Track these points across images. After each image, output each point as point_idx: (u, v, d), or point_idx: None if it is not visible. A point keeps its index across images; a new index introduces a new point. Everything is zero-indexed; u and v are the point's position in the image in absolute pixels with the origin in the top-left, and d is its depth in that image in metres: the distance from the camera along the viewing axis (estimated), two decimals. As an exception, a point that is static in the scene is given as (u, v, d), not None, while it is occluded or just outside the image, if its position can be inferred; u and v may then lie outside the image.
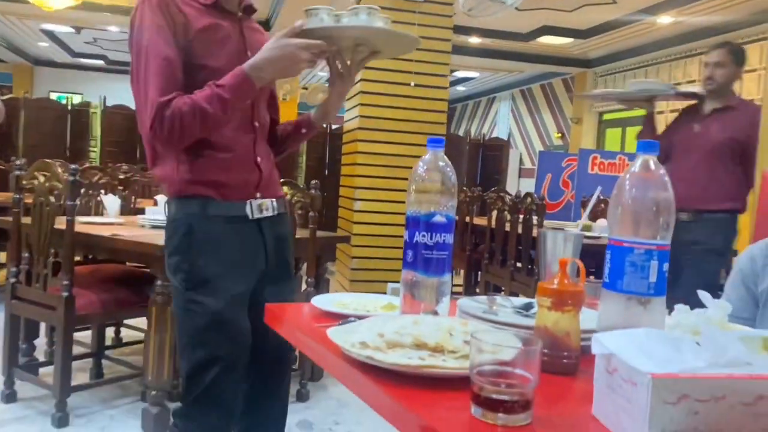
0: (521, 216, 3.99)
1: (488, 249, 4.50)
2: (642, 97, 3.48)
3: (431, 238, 1.09)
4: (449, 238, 1.11)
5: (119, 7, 8.97)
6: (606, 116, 10.58)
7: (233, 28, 1.60)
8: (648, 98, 3.48)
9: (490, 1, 3.86)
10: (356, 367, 0.85)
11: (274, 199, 1.65)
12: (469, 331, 0.94)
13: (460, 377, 0.78)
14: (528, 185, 10.51)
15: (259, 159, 1.62)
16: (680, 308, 1.15)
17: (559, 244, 1.19)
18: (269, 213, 1.63)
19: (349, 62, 1.60)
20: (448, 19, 3.94)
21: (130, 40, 1.53)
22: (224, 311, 1.53)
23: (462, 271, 5.00)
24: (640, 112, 10.18)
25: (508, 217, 4.17)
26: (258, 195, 1.61)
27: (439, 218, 1.09)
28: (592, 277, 1.43)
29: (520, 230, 4.01)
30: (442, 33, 3.91)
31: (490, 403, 0.69)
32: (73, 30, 10.95)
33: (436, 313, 1.08)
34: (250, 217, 1.59)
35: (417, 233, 1.10)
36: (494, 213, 4.48)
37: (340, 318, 1.10)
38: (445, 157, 1.13)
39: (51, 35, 11.60)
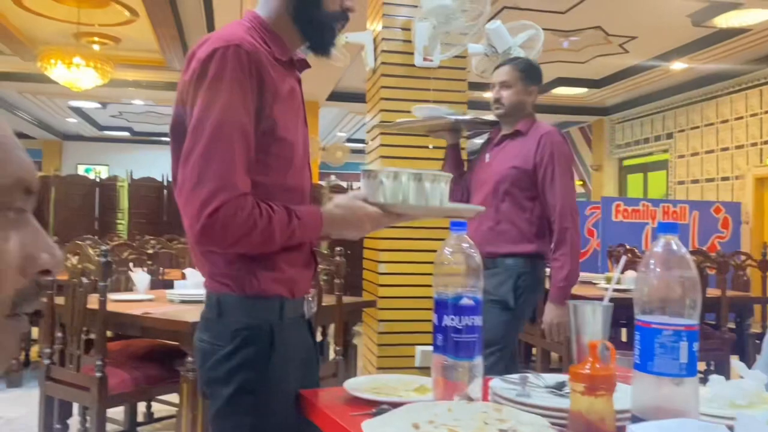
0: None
1: (516, 305, 4.45)
2: (440, 126, 2.83)
3: (460, 321, 1.10)
4: (478, 320, 1.12)
5: (143, 81, 9.31)
6: (626, 162, 10.58)
7: (299, 91, 1.36)
8: (450, 128, 2.84)
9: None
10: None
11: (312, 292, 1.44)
12: (504, 418, 0.94)
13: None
14: (552, 234, 10.45)
15: (314, 248, 1.41)
16: (715, 379, 1.14)
17: (587, 316, 1.19)
18: (314, 310, 1.42)
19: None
20: (462, 83, 4.02)
21: (192, 93, 1.19)
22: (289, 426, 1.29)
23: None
24: (660, 157, 10.07)
25: (534, 272, 4.15)
26: (310, 290, 1.39)
27: (466, 300, 1.11)
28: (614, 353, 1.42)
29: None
30: (457, 96, 3.99)
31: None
32: (99, 105, 11.34)
33: (469, 397, 1.08)
34: (306, 316, 1.36)
35: (445, 316, 1.11)
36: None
37: (374, 405, 1.10)
38: (468, 238, 1.15)
39: (79, 111, 12.02)
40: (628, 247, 5.71)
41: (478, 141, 4.01)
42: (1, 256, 0.45)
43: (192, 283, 3.19)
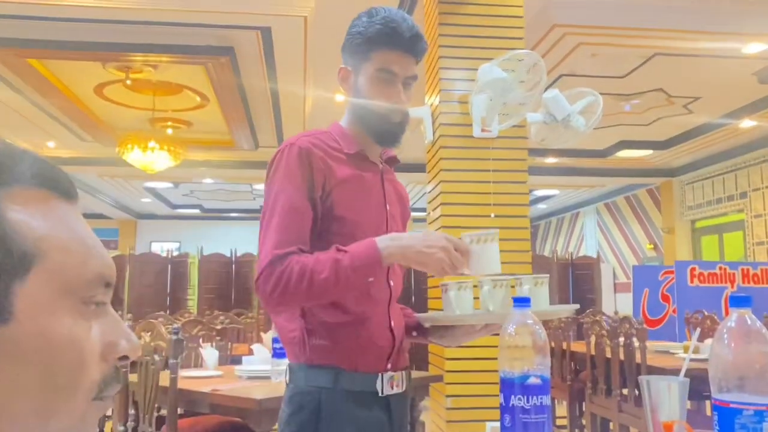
0: (622, 340, 3.83)
1: (591, 377, 4.29)
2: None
3: (528, 401, 1.07)
4: (546, 400, 1.08)
5: (213, 161, 9.73)
6: (699, 224, 10.23)
7: (374, 179, 1.50)
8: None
9: (563, 129, 3.94)
10: None
11: (403, 372, 1.46)
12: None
13: None
14: (624, 300, 10.10)
15: (393, 323, 1.44)
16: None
17: (662, 393, 1.14)
18: (399, 389, 1.42)
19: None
20: (522, 151, 4.03)
21: (265, 185, 1.43)
22: None
23: (565, 402, 4.76)
24: (735, 217, 9.74)
25: (608, 342, 4.00)
26: (389, 367, 1.41)
27: (533, 379, 1.08)
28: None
29: (621, 356, 3.83)
30: (518, 165, 3.99)
31: None
32: (171, 185, 11.87)
33: (539, 481, 1.04)
34: (380, 393, 1.38)
35: (512, 396, 1.08)
36: (592, 338, 4.31)
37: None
38: (533, 315, 1.13)
39: (153, 191, 12.61)
40: (706, 313, 5.46)
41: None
42: (86, 345, 0.49)
43: (259, 359, 3.22)
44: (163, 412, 2.87)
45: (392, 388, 1.40)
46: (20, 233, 0.46)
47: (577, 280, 8.12)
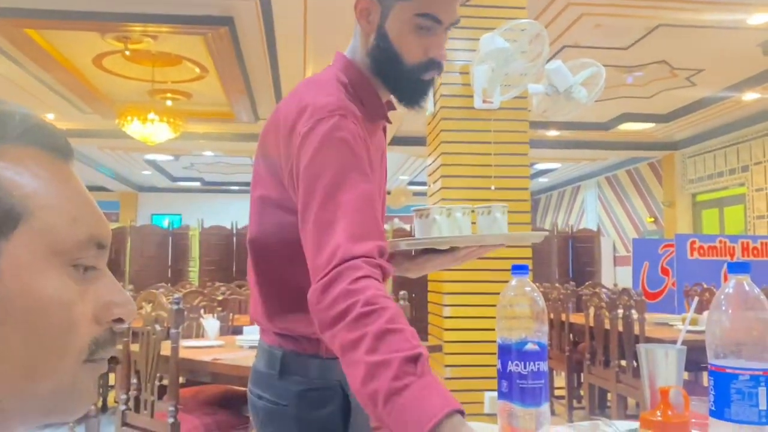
0: (620, 312, 3.85)
1: (589, 349, 4.33)
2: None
3: (525, 367, 1.08)
4: (544, 366, 1.09)
5: (213, 134, 9.69)
6: (700, 197, 10.22)
7: (382, 139, 1.28)
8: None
9: (564, 101, 3.92)
10: None
11: None
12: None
13: None
14: (624, 274, 10.13)
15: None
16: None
17: (660, 360, 1.15)
18: None
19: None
20: (524, 123, 4.00)
21: (297, 168, 1.06)
22: None
23: (563, 373, 4.80)
24: (736, 190, 9.72)
25: (607, 314, 4.02)
26: None
27: (531, 346, 1.09)
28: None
29: (620, 327, 3.85)
30: (519, 137, 3.98)
31: None
32: (172, 158, 11.85)
33: (536, 445, 1.05)
34: None
35: (510, 362, 1.09)
36: (591, 310, 4.33)
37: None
38: (531, 282, 1.14)
39: (153, 164, 12.58)
40: (705, 286, 5.48)
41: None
42: (75, 305, 0.48)
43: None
44: (165, 381, 2.90)
45: None
46: (5, 190, 0.45)
47: (577, 253, 8.14)
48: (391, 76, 1.18)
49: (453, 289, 3.88)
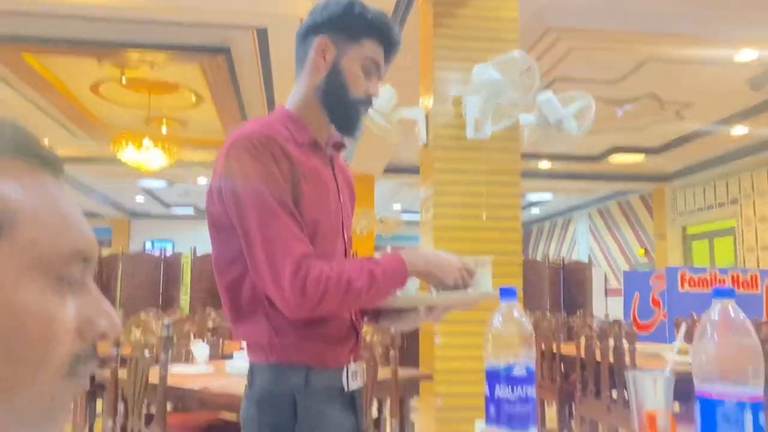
0: (611, 342, 3.84)
1: (580, 379, 4.30)
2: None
3: (512, 392, 1.08)
4: (531, 391, 1.09)
5: (207, 162, 9.73)
6: (690, 230, 10.28)
7: (327, 168, 1.42)
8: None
9: (555, 132, 3.96)
10: None
11: (363, 365, 1.44)
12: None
13: None
14: (616, 305, 10.13)
15: (354, 317, 1.41)
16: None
17: (648, 387, 1.15)
18: (361, 383, 1.41)
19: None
20: (515, 154, 4.05)
21: (224, 194, 1.28)
22: None
23: (554, 404, 4.77)
24: (726, 223, 9.78)
25: (598, 344, 4.02)
26: (352, 360, 1.39)
27: (518, 370, 1.09)
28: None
29: (611, 358, 3.85)
30: (510, 167, 4.01)
31: None
32: (166, 185, 11.86)
33: (523, 471, 1.05)
34: (346, 388, 1.35)
35: (497, 386, 1.09)
36: (582, 340, 4.33)
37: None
38: (520, 307, 1.15)
39: (148, 191, 12.58)
40: (696, 317, 5.49)
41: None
42: (57, 319, 0.47)
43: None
44: (153, 408, 2.87)
45: (356, 381, 1.38)
46: None
47: (568, 285, 8.15)
48: (337, 104, 1.40)
49: (445, 318, 3.87)
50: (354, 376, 1.37)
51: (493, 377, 1.11)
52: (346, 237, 1.45)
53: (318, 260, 1.25)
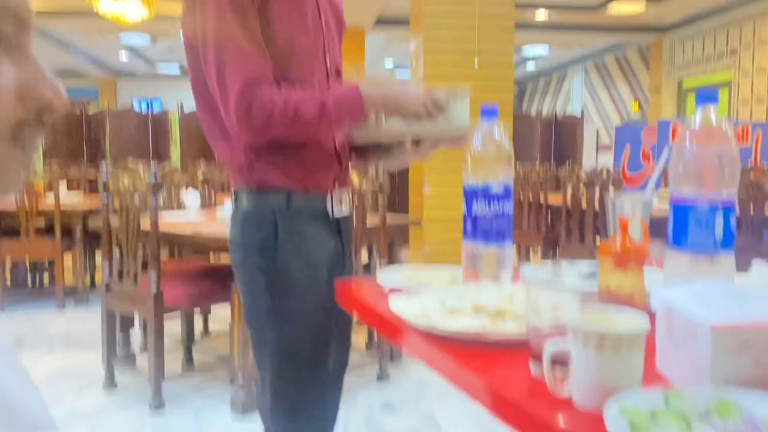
0: (598, 191, 3.90)
1: (565, 226, 4.41)
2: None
3: (489, 208, 1.09)
4: (508, 207, 1.10)
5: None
6: (686, 83, 10.12)
7: None
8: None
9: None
10: (419, 334, 0.87)
11: (349, 192, 1.46)
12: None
13: (520, 341, 0.79)
14: (607, 161, 10.19)
15: (338, 146, 1.40)
16: (758, 265, 1.11)
17: (626, 209, 1.16)
18: (347, 211, 1.44)
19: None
20: (510, 2, 3.87)
21: (189, 17, 1.31)
22: (315, 323, 1.35)
23: (539, 249, 4.92)
24: (723, 75, 9.60)
25: (584, 191, 4.07)
26: (337, 187, 1.41)
27: (496, 188, 1.09)
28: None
29: (596, 206, 3.92)
30: (504, 11, 3.85)
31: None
32: (150, 43, 11.43)
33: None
34: (331, 215, 1.38)
35: (475, 204, 1.10)
36: (569, 189, 4.38)
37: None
38: (501, 125, 1.13)
39: (131, 49, 12.16)
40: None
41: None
42: None
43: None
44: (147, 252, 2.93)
45: (341, 208, 1.41)
46: None
47: (559, 139, 8.13)
48: None
49: (433, 167, 3.89)
50: (339, 203, 1.40)
51: (471, 195, 1.11)
52: (328, 63, 1.40)
53: (270, 86, 1.23)
